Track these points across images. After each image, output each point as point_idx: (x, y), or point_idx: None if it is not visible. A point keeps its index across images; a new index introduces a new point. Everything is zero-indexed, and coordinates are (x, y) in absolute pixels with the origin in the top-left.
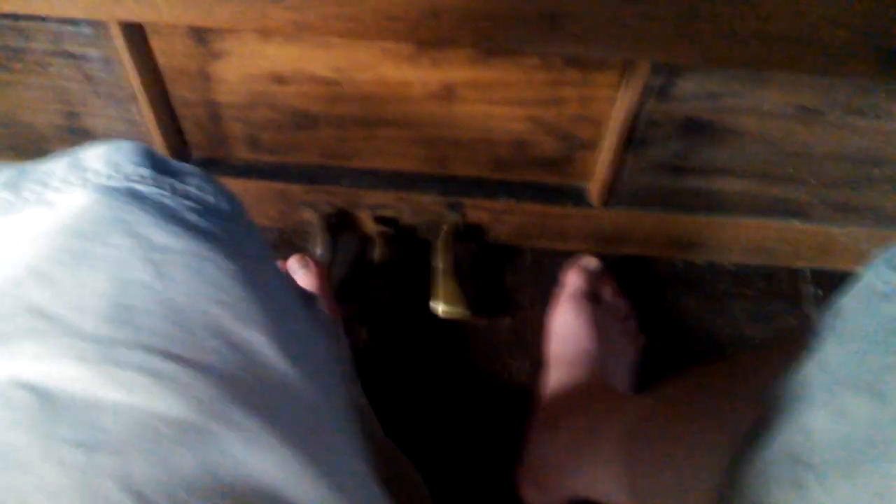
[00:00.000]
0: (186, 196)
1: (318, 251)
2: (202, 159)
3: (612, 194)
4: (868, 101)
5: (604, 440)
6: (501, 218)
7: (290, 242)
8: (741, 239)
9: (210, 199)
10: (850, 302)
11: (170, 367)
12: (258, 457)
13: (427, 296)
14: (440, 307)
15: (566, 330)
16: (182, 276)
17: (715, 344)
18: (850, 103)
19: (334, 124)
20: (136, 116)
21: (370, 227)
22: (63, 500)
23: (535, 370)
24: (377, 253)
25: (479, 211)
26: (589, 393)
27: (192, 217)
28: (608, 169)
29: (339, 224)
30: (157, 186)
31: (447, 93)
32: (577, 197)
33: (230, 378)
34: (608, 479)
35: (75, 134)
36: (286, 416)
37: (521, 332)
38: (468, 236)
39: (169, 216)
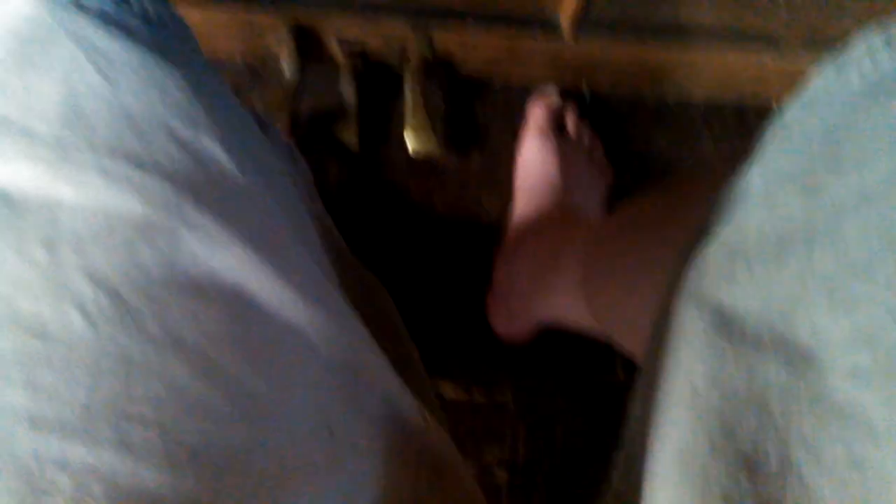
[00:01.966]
0: (130, 8)
1: (286, 73)
2: None
3: (583, 24)
4: None
5: (565, 264)
6: (471, 48)
7: (256, 74)
8: (712, 73)
9: (153, 12)
10: (792, 107)
11: (124, 167)
12: (218, 254)
13: (396, 132)
14: (409, 142)
15: (531, 160)
16: (130, 82)
17: None
18: None
19: None
20: None
21: (338, 56)
22: (35, 293)
23: (505, 205)
24: (344, 84)
25: (448, 41)
26: (552, 220)
27: (137, 27)
28: None
29: (307, 50)
30: None
31: None
32: (547, 27)
33: (185, 179)
34: (572, 303)
35: None
36: (244, 219)
37: (492, 168)
38: (438, 69)
39: (114, 25)
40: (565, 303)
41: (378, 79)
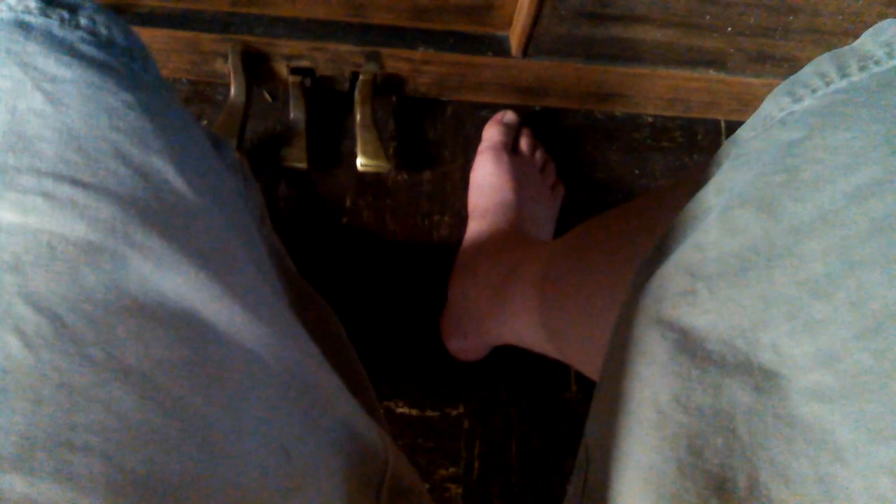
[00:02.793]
0: (77, 27)
1: (233, 92)
2: (105, 6)
3: (532, 44)
4: None
5: (520, 286)
6: (421, 69)
7: (203, 95)
8: (660, 90)
9: (103, 30)
10: (747, 130)
11: (68, 190)
12: (167, 276)
13: (346, 151)
14: (359, 161)
15: (484, 180)
16: (77, 104)
17: (634, 196)
18: None
19: None
20: None
21: (287, 78)
22: None
23: (456, 223)
24: (293, 105)
25: (398, 61)
26: (505, 240)
27: (84, 47)
28: (528, 17)
29: (254, 72)
30: (45, 17)
31: None
32: (497, 46)
33: (132, 200)
34: (526, 325)
35: None
36: (195, 239)
37: (442, 186)
38: (387, 88)
39: (59, 46)
40: (520, 325)
41: (327, 98)
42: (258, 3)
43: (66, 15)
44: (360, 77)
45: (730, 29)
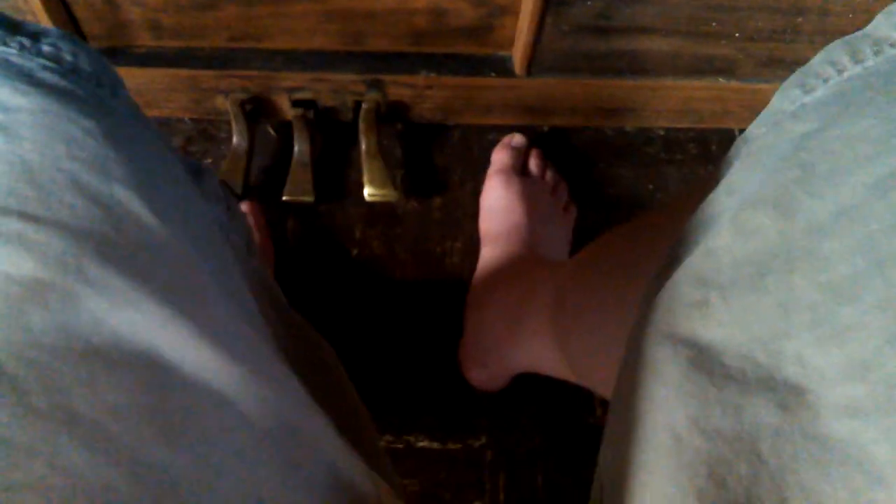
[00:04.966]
0: (38, 54)
1: (236, 140)
2: (102, 49)
3: (536, 62)
4: None
5: (534, 310)
6: (424, 94)
7: (206, 133)
8: (670, 101)
9: (67, 57)
10: (758, 127)
11: (16, 225)
12: (124, 315)
13: (353, 181)
14: (367, 190)
15: (495, 205)
16: (33, 134)
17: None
18: None
19: (238, 2)
20: (21, 4)
21: (288, 112)
22: None
23: (468, 249)
24: (297, 139)
25: (400, 87)
26: (519, 265)
27: (45, 75)
28: (529, 34)
29: (256, 110)
30: (3, 45)
31: None
32: (500, 67)
33: (88, 233)
34: (543, 350)
35: None
36: (160, 273)
37: (452, 212)
38: (392, 116)
39: (16, 74)
40: (538, 351)
41: (331, 129)
42: (255, 37)
43: (26, 42)
44: (363, 106)
45: (737, 34)
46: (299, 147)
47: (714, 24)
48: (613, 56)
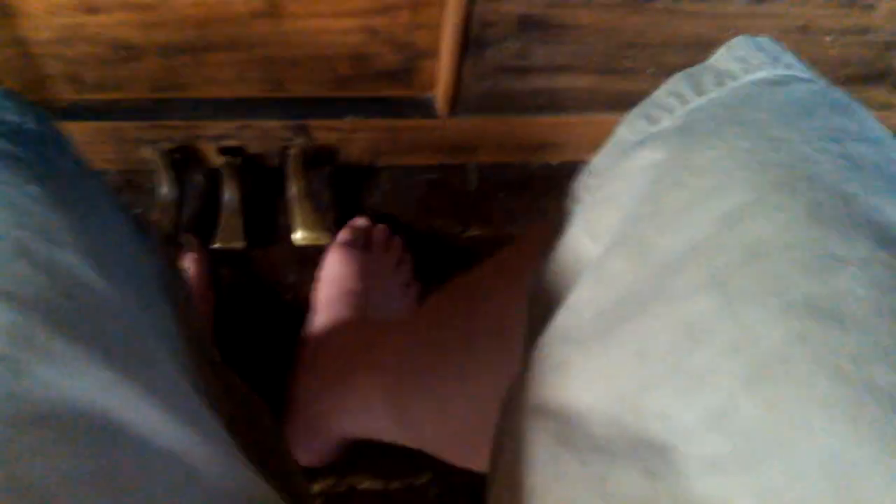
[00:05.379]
0: None
1: (164, 190)
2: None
3: (458, 102)
4: None
5: (365, 371)
6: (351, 137)
7: (134, 184)
8: (592, 135)
9: (12, 118)
10: (604, 157)
11: None
12: (73, 380)
13: (283, 225)
14: (298, 234)
15: (329, 274)
16: None
17: None
18: None
19: (159, 53)
20: None
21: (216, 159)
22: None
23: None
24: (226, 186)
25: (326, 131)
26: (347, 329)
27: None
28: (450, 76)
29: (183, 159)
30: None
31: (272, 9)
32: (423, 108)
33: (36, 301)
34: (374, 415)
35: None
36: (107, 337)
37: None
38: (320, 160)
39: None
40: (368, 416)
41: (260, 174)
42: (179, 86)
43: None
44: (291, 151)
45: (651, 70)
46: (228, 194)
47: (627, 60)
48: (533, 94)
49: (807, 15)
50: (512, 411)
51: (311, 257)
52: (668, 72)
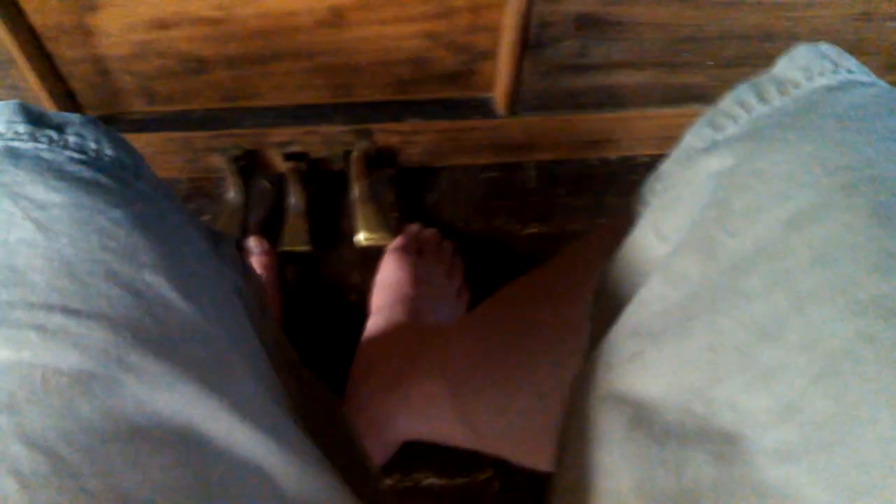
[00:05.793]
0: (66, 147)
1: (231, 195)
2: (98, 118)
3: (517, 102)
4: None
5: (424, 376)
6: (412, 139)
7: (203, 191)
8: (650, 130)
9: (92, 146)
10: (672, 164)
11: (60, 319)
12: (163, 396)
13: (347, 227)
14: (361, 236)
15: (384, 280)
16: (68, 229)
17: None
18: None
19: (227, 65)
20: (18, 82)
21: (281, 165)
22: None
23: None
24: (291, 190)
25: (388, 135)
26: (402, 333)
27: (73, 168)
28: (509, 76)
29: (250, 166)
30: (34, 141)
31: (336, 18)
32: (483, 109)
33: (125, 321)
34: (439, 416)
35: None
36: (191, 354)
37: None
38: (382, 162)
39: (48, 170)
40: (437, 414)
41: (324, 178)
42: (246, 96)
43: (54, 135)
44: (354, 154)
45: (710, 63)
46: (294, 198)
47: (685, 54)
48: (592, 91)
49: (869, 1)
50: (581, 399)
51: (374, 258)
52: (725, 64)
